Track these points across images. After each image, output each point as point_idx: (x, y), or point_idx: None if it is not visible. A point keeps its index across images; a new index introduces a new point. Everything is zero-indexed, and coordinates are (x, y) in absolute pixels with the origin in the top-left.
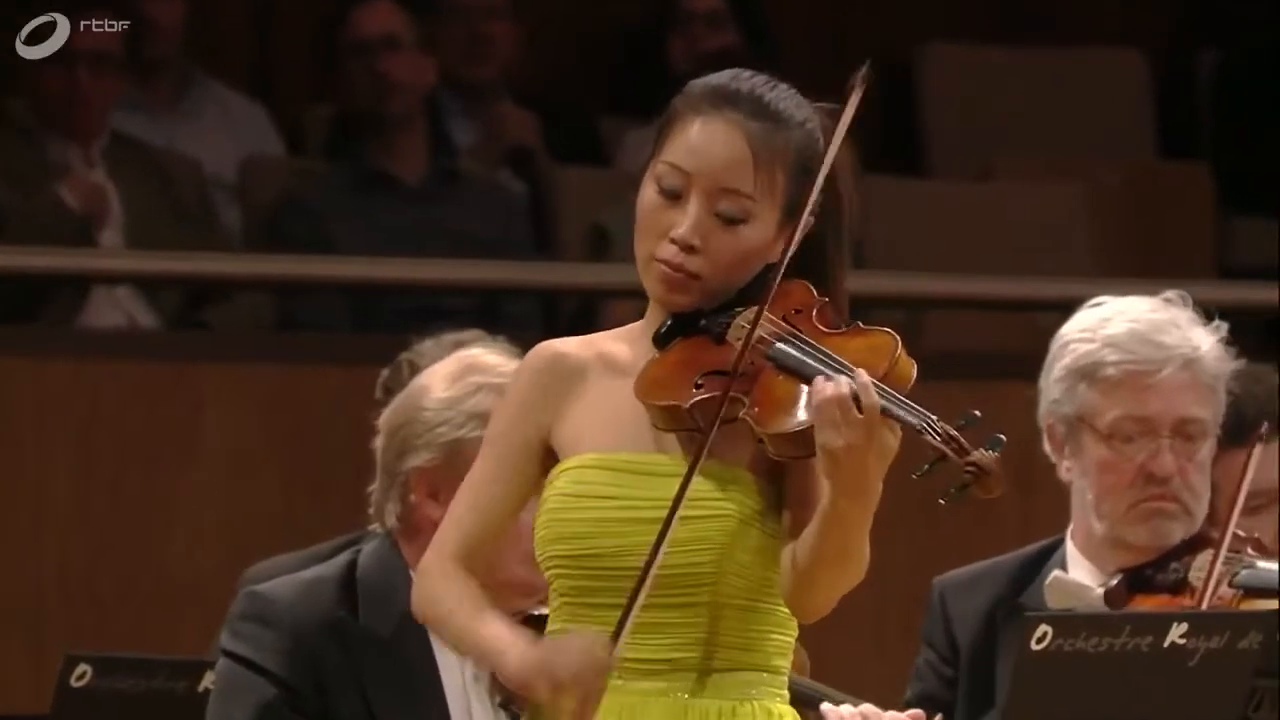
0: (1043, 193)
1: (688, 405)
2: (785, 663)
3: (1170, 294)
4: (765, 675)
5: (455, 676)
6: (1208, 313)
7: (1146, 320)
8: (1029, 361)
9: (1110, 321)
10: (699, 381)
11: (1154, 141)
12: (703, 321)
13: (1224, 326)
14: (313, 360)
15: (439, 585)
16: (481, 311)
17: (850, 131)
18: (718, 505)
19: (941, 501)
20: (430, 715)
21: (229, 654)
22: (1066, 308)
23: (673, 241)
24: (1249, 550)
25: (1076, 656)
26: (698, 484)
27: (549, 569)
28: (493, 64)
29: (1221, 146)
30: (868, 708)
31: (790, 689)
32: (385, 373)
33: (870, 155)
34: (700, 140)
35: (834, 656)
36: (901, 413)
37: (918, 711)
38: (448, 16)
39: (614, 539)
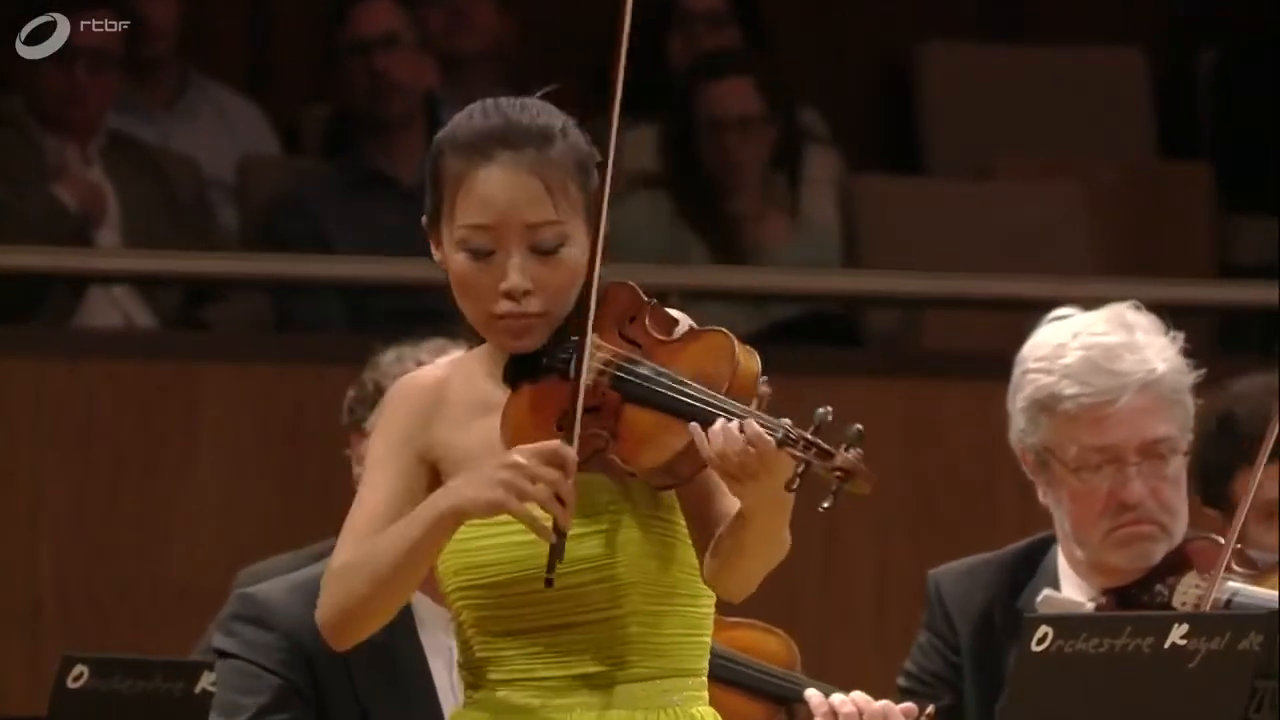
0: (1042, 192)
1: None
2: (702, 664)
3: (1128, 304)
4: (686, 680)
5: (445, 676)
6: (1200, 311)
7: (1101, 347)
8: None
9: (1066, 349)
10: (560, 424)
11: (1153, 140)
12: (544, 360)
13: (1180, 336)
14: (310, 360)
15: (345, 557)
16: None
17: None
18: (616, 518)
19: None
20: (421, 714)
21: (225, 654)
22: (1065, 308)
23: (507, 296)
24: (1234, 566)
25: (1077, 658)
26: (597, 499)
27: (455, 600)
28: (475, 37)
29: (1221, 145)
30: (858, 695)
31: (779, 684)
32: (351, 393)
33: (869, 154)
34: (489, 191)
35: (834, 656)
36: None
37: (910, 706)
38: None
39: (520, 563)
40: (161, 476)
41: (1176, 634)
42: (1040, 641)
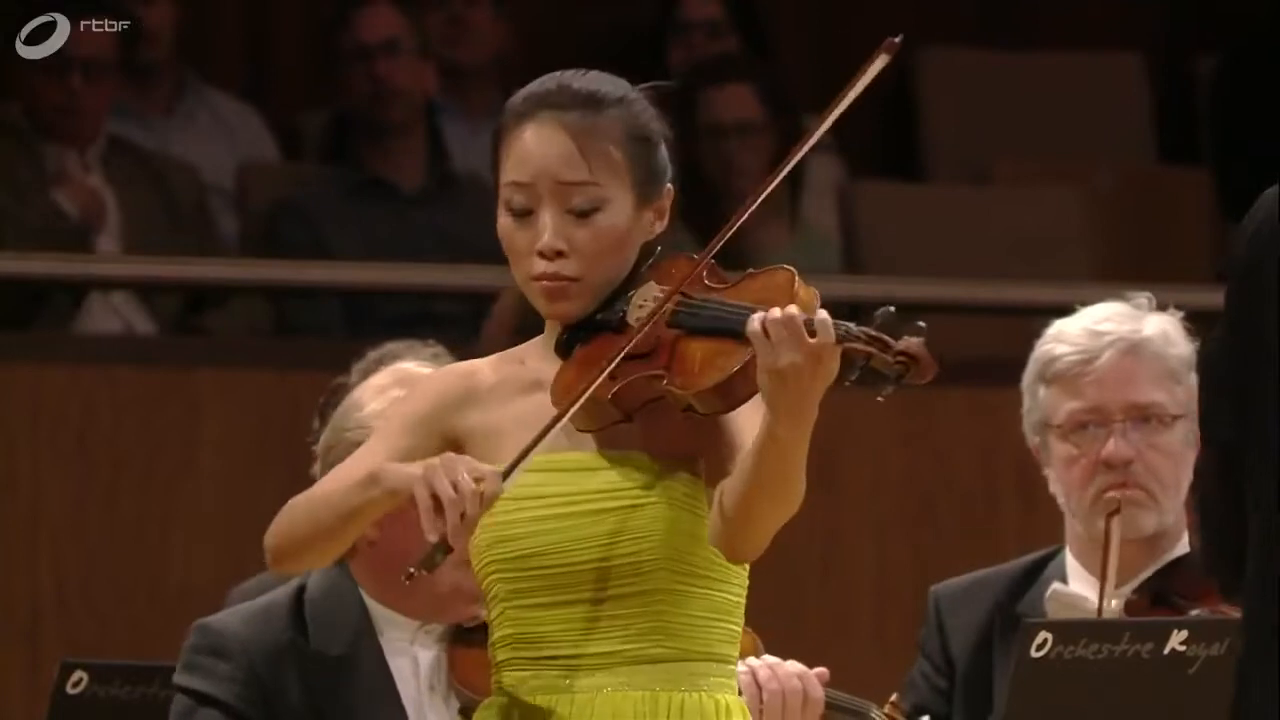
0: (1041, 197)
1: (609, 396)
2: (732, 651)
3: (1141, 297)
4: (713, 665)
5: (410, 689)
6: (1200, 317)
7: (1099, 315)
8: None
9: (1069, 324)
10: (613, 373)
11: (1153, 146)
12: (599, 316)
13: (1179, 313)
14: (309, 365)
15: (305, 494)
16: (477, 316)
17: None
18: (646, 494)
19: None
20: None
21: (182, 689)
22: (1065, 313)
23: (540, 255)
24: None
25: (1076, 663)
26: (627, 475)
27: (489, 574)
28: (475, 46)
29: (1221, 151)
30: (770, 658)
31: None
32: (321, 400)
33: (869, 160)
34: (526, 149)
35: (834, 657)
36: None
37: (822, 670)
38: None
39: (549, 536)
40: (161, 482)
41: (1176, 640)
42: (1039, 647)
